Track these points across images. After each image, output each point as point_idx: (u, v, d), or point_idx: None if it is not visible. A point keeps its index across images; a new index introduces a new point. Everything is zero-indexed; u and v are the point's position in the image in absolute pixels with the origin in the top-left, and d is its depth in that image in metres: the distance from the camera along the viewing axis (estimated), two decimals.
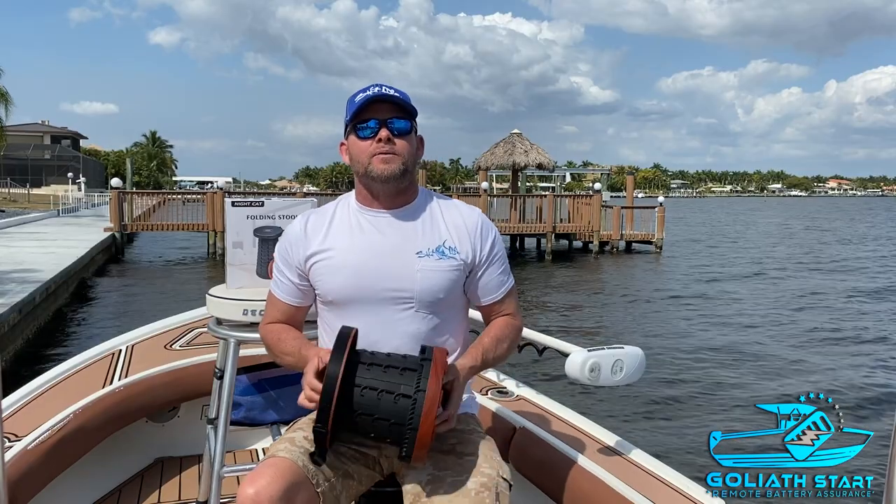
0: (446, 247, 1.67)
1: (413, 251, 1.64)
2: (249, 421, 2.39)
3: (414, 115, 1.66)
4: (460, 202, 1.77)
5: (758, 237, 36.34)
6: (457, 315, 1.73)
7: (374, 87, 1.64)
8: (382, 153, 1.61)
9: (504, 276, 1.75)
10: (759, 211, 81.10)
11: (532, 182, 57.11)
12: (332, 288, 1.67)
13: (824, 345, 10.60)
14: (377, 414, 1.45)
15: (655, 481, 1.94)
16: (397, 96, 1.63)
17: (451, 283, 1.65)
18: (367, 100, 1.61)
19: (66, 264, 13.23)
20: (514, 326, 1.77)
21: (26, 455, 2.12)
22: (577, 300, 15.04)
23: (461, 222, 1.71)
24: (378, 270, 1.63)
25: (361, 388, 1.46)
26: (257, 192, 55.65)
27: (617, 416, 6.84)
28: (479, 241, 1.70)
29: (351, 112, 1.64)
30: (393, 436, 1.46)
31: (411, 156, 1.66)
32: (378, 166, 1.62)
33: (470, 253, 1.68)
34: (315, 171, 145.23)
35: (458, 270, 1.67)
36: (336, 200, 1.77)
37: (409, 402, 1.43)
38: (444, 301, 1.66)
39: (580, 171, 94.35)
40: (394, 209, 1.69)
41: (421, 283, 1.63)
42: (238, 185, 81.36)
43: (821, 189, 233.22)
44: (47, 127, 68.87)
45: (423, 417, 1.41)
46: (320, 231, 1.70)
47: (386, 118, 1.62)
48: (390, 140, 1.62)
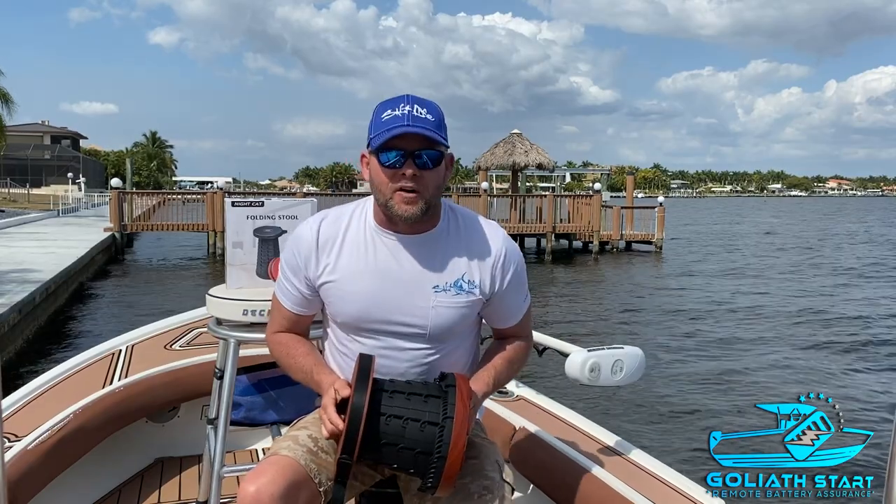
0: (465, 280, 1.58)
1: (430, 285, 1.56)
2: (249, 421, 2.39)
3: (445, 144, 1.51)
4: (485, 222, 1.65)
5: (758, 236, 36.33)
6: (467, 339, 1.68)
7: (406, 106, 1.47)
8: (406, 191, 1.48)
9: (521, 301, 1.67)
10: (759, 210, 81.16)
11: (532, 182, 57.09)
12: (342, 312, 1.60)
13: (824, 344, 10.59)
14: (402, 443, 1.42)
15: (655, 481, 1.94)
16: (429, 131, 1.46)
17: (465, 317, 1.60)
18: (394, 135, 1.45)
19: (65, 264, 13.23)
20: (525, 349, 1.74)
21: (26, 455, 2.12)
22: (577, 300, 15.04)
23: (484, 250, 1.60)
24: (392, 302, 1.56)
25: (386, 416, 1.43)
26: (257, 192, 55.66)
27: (617, 417, 6.84)
28: (500, 272, 1.60)
29: (376, 134, 1.48)
30: (418, 466, 1.43)
31: (438, 188, 1.52)
32: (399, 206, 1.49)
33: (489, 284, 1.60)
34: (315, 171, 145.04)
35: (475, 305, 1.60)
36: (352, 207, 1.64)
37: (435, 429, 1.40)
38: (456, 331, 1.61)
39: (580, 171, 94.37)
40: (413, 234, 1.57)
41: (435, 320, 1.56)
42: (238, 185, 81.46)
43: (821, 189, 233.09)
44: (47, 127, 68.83)
45: (452, 445, 1.38)
46: (333, 245, 1.60)
47: (414, 150, 1.47)
48: (415, 176, 1.47)
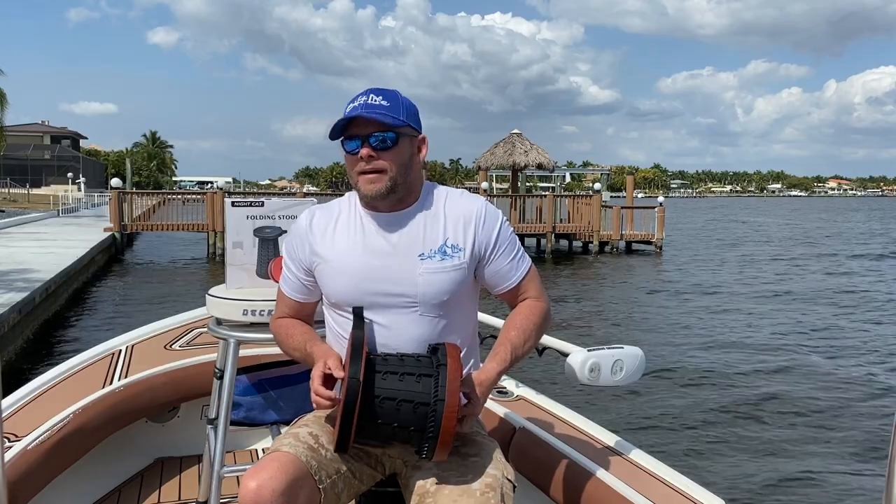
0: (448, 245, 1.63)
1: (415, 254, 1.62)
2: (249, 421, 2.39)
3: (401, 124, 1.59)
4: (465, 192, 1.73)
5: (759, 237, 36.33)
6: (464, 313, 1.70)
7: (362, 97, 1.59)
8: (366, 172, 1.59)
9: (516, 262, 1.70)
10: (760, 209, 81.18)
11: (532, 182, 57.07)
12: (334, 291, 1.66)
13: (824, 344, 10.60)
14: (398, 423, 1.46)
15: (655, 481, 1.94)
16: (377, 115, 1.56)
17: (455, 283, 1.63)
18: (346, 120, 1.57)
19: (65, 264, 13.22)
20: (540, 309, 1.72)
21: (26, 455, 2.12)
22: (577, 300, 15.03)
23: (462, 214, 1.66)
24: (380, 274, 1.61)
25: (380, 399, 1.45)
26: (257, 192, 55.65)
27: (617, 416, 6.85)
28: (483, 231, 1.66)
29: (337, 124, 1.59)
30: (413, 441, 1.48)
31: (401, 167, 1.60)
32: (364, 186, 1.60)
33: (474, 245, 1.65)
34: (315, 171, 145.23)
35: (463, 269, 1.63)
36: (343, 198, 1.75)
37: (428, 409, 1.43)
38: (449, 301, 1.63)
39: (580, 171, 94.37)
40: (395, 212, 1.66)
41: (424, 287, 1.60)
42: (238, 186, 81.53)
43: (821, 189, 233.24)
44: (47, 127, 68.89)
45: (443, 428, 1.41)
46: (325, 230, 1.69)
47: (367, 133, 1.58)
48: (372, 157, 1.58)
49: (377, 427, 1.47)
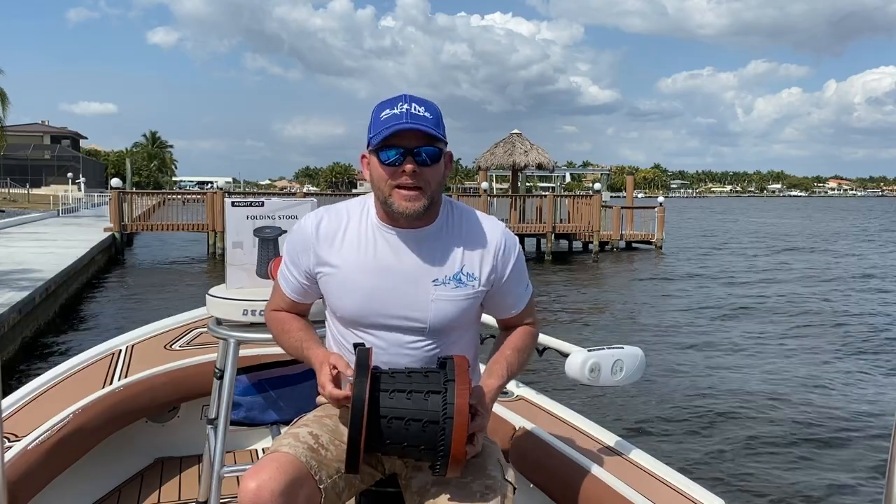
0: (464, 273, 1.59)
1: (429, 279, 1.57)
2: (249, 421, 2.39)
3: (443, 139, 1.51)
4: (483, 216, 1.67)
5: (758, 236, 36.33)
6: (468, 331, 1.70)
7: (403, 104, 1.49)
8: (406, 189, 1.49)
9: (522, 290, 1.69)
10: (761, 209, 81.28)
11: (532, 182, 57.05)
12: (341, 306, 1.63)
13: (825, 344, 10.60)
14: (407, 442, 1.44)
15: (655, 481, 1.94)
16: (427, 128, 1.47)
17: (465, 311, 1.61)
18: (393, 132, 1.46)
19: (65, 264, 13.21)
20: (533, 335, 1.76)
21: (26, 455, 2.12)
22: (577, 300, 15.04)
23: (482, 242, 1.61)
24: (390, 297, 1.57)
25: (388, 419, 1.43)
26: (257, 192, 55.66)
27: (617, 417, 6.85)
28: (500, 263, 1.62)
29: (375, 133, 1.50)
30: (426, 458, 1.47)
31: (438, 185, 1.54)
32: (400, 203, 1.50)
33: (489, 275, 1.61)
34: (315, 171, 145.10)
35: (475, 297, 1.61)
36: (353, 203, 1.66)
37: (437, 428, 1.41)
38: (456, 325, 1.62)
39: (580, 171, 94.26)
40: (412, 229, 1.59)
41: (435, 314, 1.58)
42: (238, 186, 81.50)
43: (821, 189, 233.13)
44: (47, 127, 68.89)
45: (454, 444, 1.39)
46: (333, 238, 1.62)
47: (413, 147, 1.48)
48: (416, 173, 1.48)
49: (386, 446, 1.46)
